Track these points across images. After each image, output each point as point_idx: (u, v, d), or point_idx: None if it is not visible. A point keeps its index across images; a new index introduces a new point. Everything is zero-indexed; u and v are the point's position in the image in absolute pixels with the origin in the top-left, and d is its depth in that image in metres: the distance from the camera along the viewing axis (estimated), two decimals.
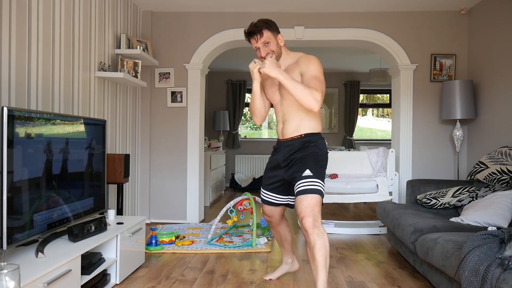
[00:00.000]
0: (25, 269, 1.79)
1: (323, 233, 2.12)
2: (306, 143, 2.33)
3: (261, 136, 8.64)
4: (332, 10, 4.48)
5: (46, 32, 2.72)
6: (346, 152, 4.72)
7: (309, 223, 2.12)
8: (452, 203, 3.15)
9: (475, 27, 4.29)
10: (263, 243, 3.58)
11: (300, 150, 2.33)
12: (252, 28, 2.34)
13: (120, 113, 4.02)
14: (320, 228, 2.13)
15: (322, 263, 2.08)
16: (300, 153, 2.32)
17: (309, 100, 2.15)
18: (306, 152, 2.30)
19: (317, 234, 2.11)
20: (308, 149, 2.31)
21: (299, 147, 2.33)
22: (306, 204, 2.16)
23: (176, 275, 2.80)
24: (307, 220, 2.13)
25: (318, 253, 2.09)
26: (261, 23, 2.34)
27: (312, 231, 2.11)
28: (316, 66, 2.29)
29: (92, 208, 2.68)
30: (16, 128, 1.92)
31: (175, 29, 4.59)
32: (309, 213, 2.14)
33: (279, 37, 2.38)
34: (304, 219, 2.14)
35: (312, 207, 2.15)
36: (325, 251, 2.10)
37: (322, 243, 2.10)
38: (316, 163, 2.27)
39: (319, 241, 2.10)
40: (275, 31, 2.36)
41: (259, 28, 2.31)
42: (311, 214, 2.14)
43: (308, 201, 2.17)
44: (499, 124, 3.78)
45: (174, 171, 4.58)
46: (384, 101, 8.69)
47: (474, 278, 1.72)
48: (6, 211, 1.83)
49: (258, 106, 2.48)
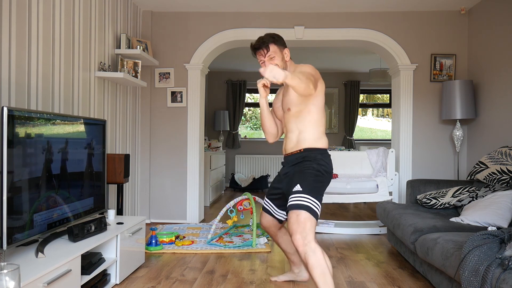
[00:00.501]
0: (25, 269, 1.79)
1: (314, 251, 2.02)
2: (303, 158, 2.30)
3: (261, 136, 8.64)
4: (332, 10, 4.48)
5: (46, 32, 2.72)
6: (346, 152, 4.72)
7: (298, 240, 2.04)
8: (452, 203, 3.15)
9: (475, 27, 4.29)
10: (263, 243, 3.58)
11: (297, 165, 2.31)
12: (258, 42, 2.38)
13: (120, 113, 4.02)
14: (311, 245, 2.03)
15: (322, 282, 1.99)
16: (296, 167, 2.31)
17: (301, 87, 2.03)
18: (300, 167, 2.26)
19: (307, 253, 2.01)
20: (304, 163, 2.27)
21: (296, 162, 2.32)
22: (293, 220, 2.09)
23: (176, 275, 2.80)
24: (295, 238, 2.06)
25: (313, 273, 2.01)
26: (268, 37, 2.37)
27: (302, 249, 2.03)
28: (309, 68, 2.31)
29: (92, 208, 2.68)
30: (16, 128, 1.92)
31: (175, 29, 4.59)
32: (295, 229, 2.06)
33: (285, 52, 2.41)
34: (292, 236, 2.07)
35: (300, 223, 2.06)
36: (320, 268, 2.00)
37: (316, 261, 2.00)
38: (310, 179, 2.20)
39: (311, 260, 2.00)
40: (281, 46, 2.40)
41: (265, 43, 2.35)
42: (298, 230, 2.05)
43: (295, 218, 2.09)
44: (499, 124, 3.78)
45: (174, 171, 4.58)
46: (384, 101, 8.69)
47: (474, 278, 1.72)
48: (6, 211, 1.83)
49: (267, 123, 2.52)
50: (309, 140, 2.30)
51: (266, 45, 2.35)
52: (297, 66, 2.43)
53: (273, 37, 2.39)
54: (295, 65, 2.46)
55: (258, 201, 3.97)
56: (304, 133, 2.31)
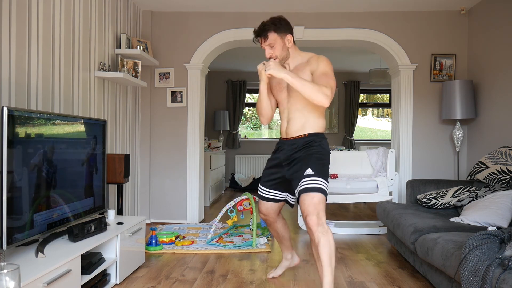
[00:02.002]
0: (25, 269, 1.79)
1: (327, 231, 2.13)
2: (309, 143, 2.33)
3: (261, 136, 8.65)
4: (332, 10, 4.48)
5: (46, 32, 2.72)
6: (346, 152, 4.72)
7: (313, 221, 2.14)
8: (452, 203, 3.15)
9: (475, 27, 4.29)
10: (263, 243, 3.58)
11: (303, 149, 2.33)
12: (259, 29, 2.35)
13: (120, 113, 4.02)
14: (324, 226, 2.15)
15: (327, 261, 2.09)
16: (302, 152, 2.33)
17: (318, 96, 2.13)
18: (308, 152, 2.31)
19: (321, 232, 2.12)
20: (311, 148, 2.32)
21: (302, 146, 2.34)
22: (308, 202, 2.18)
23: (176, 275, 2.80)
24: (310, 218, 2.15)
25: (322, 251, 2.10)
26: (269, 24, 2.33)
27: (316, 228, 2.13)
28: (326, 63, 2.32)
29: (92, 208, 2.68)
30: (16, 128, 1.92)
31: (175, 29, 4.59)
32: (312, 211, 2.16)
33: (288, 38, 2.36)
34: (307, 217, 2.16)
35: (315, 205, 2.17)
36: (329, 248, 2.11)
37: (326, 240, 2.11)
38: (319, 162, 2.28)
39: (323, 239, 2.11)
40: (283, 32, 2.34)
41: (265, 31, 2.32)
42: (315, 212, 2.16)
43: (311, 200, 2.18)
44: (499, 124, 3.78)
45: (174, 171, 4.59)
46: (384, 101, 8.69)
47: (474, 278, 1.72)
48: (6, 211, 1.83)
49: (264, 106, 2.50)
50: (313, 125, 2.35)
51: (265, 34, 2.32)
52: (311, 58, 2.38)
53: (275, 23, 2.33)
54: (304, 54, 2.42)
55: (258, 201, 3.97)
56: (309, 117, 2.35)
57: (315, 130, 2.36)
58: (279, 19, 2.36)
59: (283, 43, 2.35)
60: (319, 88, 2.14)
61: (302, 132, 2.36)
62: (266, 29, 2.32)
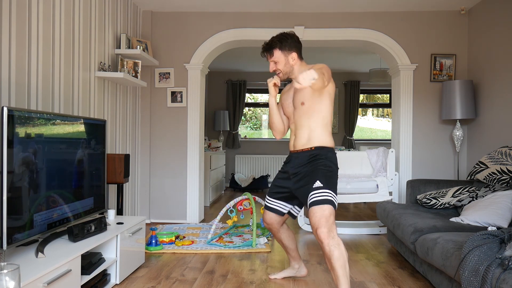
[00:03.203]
0: (25, 269, 1.79)
1: (339, 243, 2.14)
2: (315, 156, 2.35)
3: (261, 136, 8.64)
4: (332, 10, 4.48)
5: (46, 32, 2.72)
6: (346, 152, 4.72)
7: (324, 234, 2.15)
8: (452, 203, 3.15)
9: (475, 27, 4.29)
10: (263, 243, 3.58)
11: (310, 163, 2.36)
12: (265, 45, 2.47)
13: (120, 113, 4.02)
14: (335, 238, 2.15)
15: (342, 273, 2.11)
16: (309, 166, 2.35)
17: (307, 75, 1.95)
18: (315, 165, 2.33)
19: (333, 245, 2.13)
20: (318, 162, 2.33)
21: (308, 160, 2.36)
22: (319, 215, 2.18)
23: (176, 275, 2.80)
24: (321, 231, 2.16)
25: (336, 264, 2.12)
26: (275, 41, 2.44)
27: (328, 242, 2.14)
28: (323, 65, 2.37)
29: (92, 208, 2.68)
30: (16, 128, 1.92)
31: (175, 29, 4.59)
32: (323, 224, 2.16)
33: (292, 56, 2.45)
34: (318, 230, 2.17)
35: (326, 218, 2.17)
36: (343, 260, 2.13)
37: (340, 253, 2.12)
38: (326, 175, 2.30)
39: (336, 252, 2.12)
40: (287, 50, 2.44)
41: (271, 48, 2.44)
42: (326, 225, 2.16)
43: (321, 212, 2.19)
44: (499, 124, 3.77)
45: (174, 171, 4.59)
46: (384, 101, 8.69)
47: (474, 278, 1.72)
48: (6, 211, 1.83)
49: (275, 121, 2.58)
50: (319, 138, 2.37)
51: (270, 50, 2.45)
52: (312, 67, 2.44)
53: (281, 41, 2.43)
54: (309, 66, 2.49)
55: (258, 201, 3.97)
56: (314, 131, 2.38)
57: (321, 144, 2.37)
58: (286, 36, 2.45)
59: (286, 60, 2.45)
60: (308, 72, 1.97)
61: (308, 145, 2.38)
62: (272, 46, 2.44)
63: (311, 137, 2.38)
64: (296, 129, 2.45)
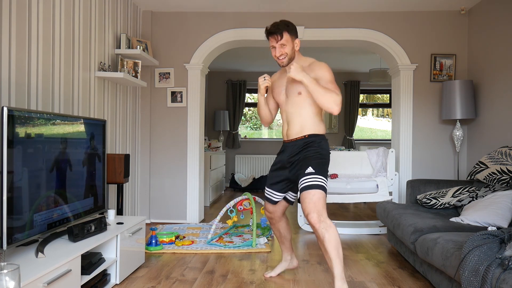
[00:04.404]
0: (25, 269, 1.79)
1: (330, 226, 2.21)
2: (309, 143, 2.41)
3: (261, 136, 8.65)
4: (332, 10, 4.48)
5: (46, 32, 2.72)
6: (346, 152, 4.72)
7: (314, 218, 2.22)
8: (452, 203, 3.15)
9: (475, 27, 4.29)
10: (263, 243, 3.58)
11: (303, 150, 2.41)
12: (273, 28, 2.42)
13: (120, 113, 4.02)
14: (327, 222, 2.22)
15: (335, 254, 2.18)
16: (303, 153, 2.41)
17: (331, 103, 2.26)
18: (308, 152, 2.39)
19: (324, 228, 2.20)
20: (311, 148, 2.39)
21: (302, 147, 2.42)
22: (309, 200, 2.26)
23: (176, 275, 2.80)
24: (312, 216, 2.23)
25: (328, 246, 2.19)
26: (283, 25, 2.42)
27: (319, 226, 2.21)
28: (330, 72, 2.41)
29: (92, 208, 2.68)
30: (16, 128, 1.92)
31: (175, 29, 4.59)
32: (312, 208, 2.23)
33: (296, 42, 2.47)
34: (309, 215, 2.23)
35: (315, 203, 2.24)
36: (335, 242, 2.19)
37: (331, 235, 2.19)
38: (318, 161, 2.37)
39: (327, 234, 2.19)
40: (293, 35, 2.45)
41: (280, 30, 2.40)
42: (315, 210, 2.23)
43: (311, 197, 2.26)
44: (499, 124, 3.77)
45: (174, 171, 4.59)
46: (384, 101, 8.69)
47: (474, 278, 1.72)
48: (6, 211, 1.83)
49: (263, 114, 2.67)
50: (312, 127, 2.43)
51: (280, 32, 2.40)
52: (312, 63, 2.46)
53: (288, 25, 2.43)
54: (305, 59, 2.52)
55: (258, 201, 3.97)
56: (307, 119, 2.43)
57: (314, 131, 2.43)
58: (290, 22, 2.46)
59: (293, 45, 2.45)
60: (331, 95, 2.26)
61: (302, 133, 2.43)
62: (280, 28, 2.40)
63: (304, 125, 2.43)
64: (289, 118, 2.48)
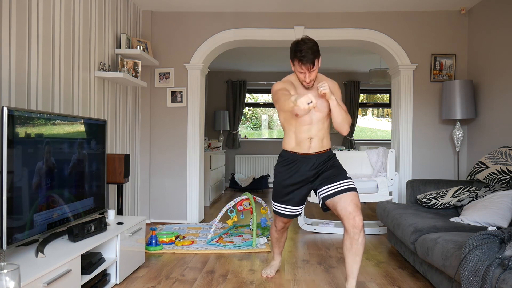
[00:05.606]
0: (25, 269, 1.79)
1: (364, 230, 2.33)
2: (331, 156, 2.54)
3: (261, 136, 8.64)
4: (332, 10, 4.48)
5: (46, 32, 2.72)
6: (346, 152, 4.72)
7: (362, 221, 2.29)
8: (452, 203, 3.15)
9: (475, 27, 4.29)
10: (263, 243, 3.58)
11: (329, 161, 2.51)
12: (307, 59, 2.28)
13: (120, 113, 4.02)
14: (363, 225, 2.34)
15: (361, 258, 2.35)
16: (330, 162, 2.51)
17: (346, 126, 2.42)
18: (333, 162, 2.52)
19: (362, 231, 2.30)
20: (334, 159, 2.54)
21: (327, 159, 2.51)
22: (355, 202, 2.33)
23: (176, 275, 2.80)
24: (361, 219, 2.29)
25: (361, 248, 2.30)
26: (316, 51, 2.29)
27: (361, 229, 2.28)
28: (339, 89, 2.55)
29: (92, 208, 2.68)
30: (16, 128, 1.92)
31: (175, 29, 4.59)
32: (357, 211, 2.31)
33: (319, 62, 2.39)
34: (357, 218, 2.29)
35: (357, 205, 2.33)
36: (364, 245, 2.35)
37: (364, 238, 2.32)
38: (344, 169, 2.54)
39: (361, 239, 2.30)
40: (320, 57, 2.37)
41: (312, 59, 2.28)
42: (359, 212, 2.31)
43: (356, 200, 2.34)
44: (499, 124, 3.77)
45: (174, 171, 4.58)
46: (384, 101, 8.69)
47: (474, 278, 1.72)
48: (6, 211, 1.83)
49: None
50: (328, 141, 2.57)
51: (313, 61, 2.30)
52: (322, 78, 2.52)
53: (318, 51, 2.32)
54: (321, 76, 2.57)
55: (258, 201, 3.97)
56: (326, 134, 2.54)
57: (330, 146, 2.58)
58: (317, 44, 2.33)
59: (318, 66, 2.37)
60: (348, 117, 2.40)
61: (324, 147, 2.52)
62: (316, 56, 2.30)
63: (324, 140, 2.52)
64: (312, 134, 2.46)
